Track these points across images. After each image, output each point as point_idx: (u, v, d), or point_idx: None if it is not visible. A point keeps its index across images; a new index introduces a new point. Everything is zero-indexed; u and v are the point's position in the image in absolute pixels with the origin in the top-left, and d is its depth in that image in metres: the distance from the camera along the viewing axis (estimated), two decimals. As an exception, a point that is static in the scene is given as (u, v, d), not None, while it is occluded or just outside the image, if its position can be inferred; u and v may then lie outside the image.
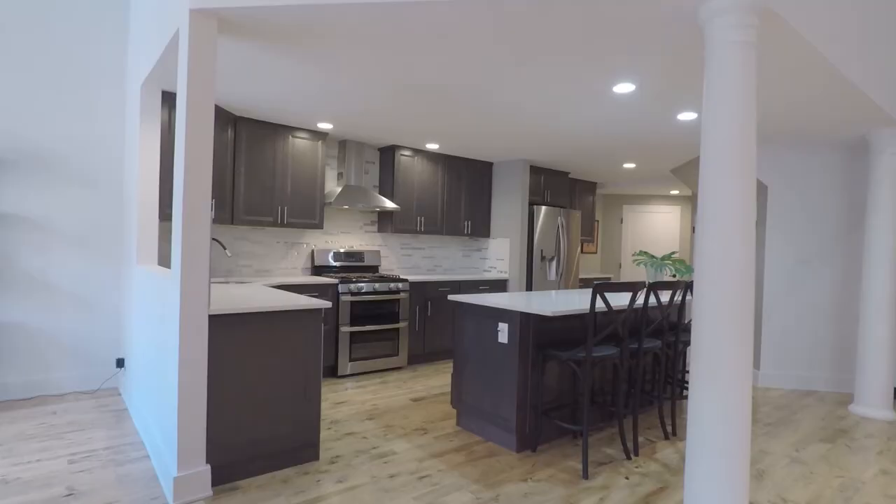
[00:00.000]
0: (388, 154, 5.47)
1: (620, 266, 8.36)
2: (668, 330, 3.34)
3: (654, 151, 5.24)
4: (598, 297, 3.25)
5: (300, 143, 4.70)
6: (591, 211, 7.45)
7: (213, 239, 4.28)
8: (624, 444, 3.05)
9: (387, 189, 5.46)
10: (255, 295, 3.07)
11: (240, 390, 2.58)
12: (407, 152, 5.44)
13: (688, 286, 3.38)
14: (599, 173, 6.81)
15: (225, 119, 4.15)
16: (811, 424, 3.79)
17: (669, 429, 3.56)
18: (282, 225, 4.60)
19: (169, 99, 3.74)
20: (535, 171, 6.28)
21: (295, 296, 3.08)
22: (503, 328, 3.15)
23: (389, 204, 5.12)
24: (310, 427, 2.83)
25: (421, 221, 5.58)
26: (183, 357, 2.35)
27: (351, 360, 4.69)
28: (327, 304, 2.84)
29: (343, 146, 5.17)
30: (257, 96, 3.77)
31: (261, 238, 4.81)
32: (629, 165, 6.12)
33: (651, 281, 4.39)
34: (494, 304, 3.18)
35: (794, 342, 4.83)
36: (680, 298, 3.51)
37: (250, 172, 4.41)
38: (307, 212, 4.76)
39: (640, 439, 3.35)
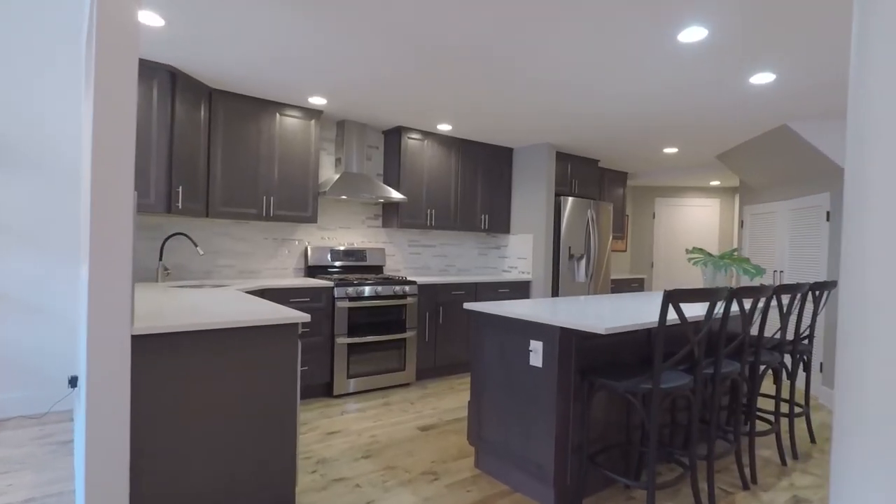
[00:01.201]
0: (393, 137, 4.77)
1: (653, 265, 7.57)
2: (747, 348, 2.59)
3: (706, 131, 4.46)
4: (672, 307, 2.51)
5: (290, 122, 4.02)
6: (621, 204, 6.68)
7: (182, 234, 3.61)
8: (697, 497, 2.31)
9: (392, 177, 4.76)
10: (223, 304, 2.38)
11: (182, 431, 1.89)
12: (415, 135, 4.73)
13: (775, 292, 2.61)
14: (633, 161, 6.04)
15: (196, 92, 3.48)
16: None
17: (748, 474, 2.80)
18: (268, 218, 3.92)
19: (123, 63, 3.07)
20: (561, 158, 5.53)
21: (269, 307, 2.39)
22: (536, 348, 2.42)
23: (395, 194, 4.41)
24: (282, 475, 2.14)
25: (431, 215, 4.86)
26: (91, 390, 1.66)
27: (349, 376, 4.00)
28: (304, 316, 2.14)
29: (341, 127, 4.48)
30: (235, 63, 3.09)
31: (245, 234, 4.14)
32: (670, 150, 5.34)
33: (709, 284, 3.63)
34: (524, 317, 2.45)
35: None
36: (763, 308, 2.75)
37: (229, 156, 3.73)
38: (298, 203, 4.07)
39: (715, 490, 2.60)
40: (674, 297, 2.01)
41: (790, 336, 4.24)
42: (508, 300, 3.22)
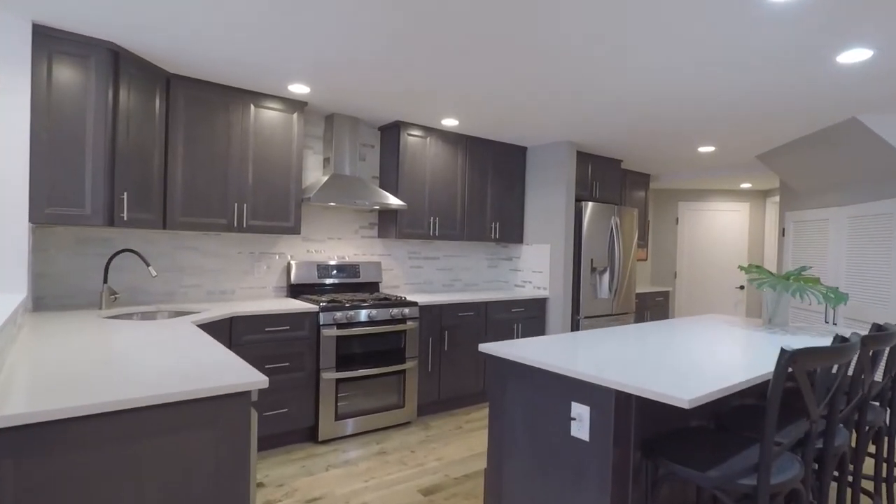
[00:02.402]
0: (391, 134, 4.13)
1: (676, 276, 6.92)
2: (863, 410, 1.95)
3: (757, 125, 3.82)
4: (795, 371, 1.87)
5: (268, 115, 3.38)
6: (643, 209, 6.04)
7: (130, 251, 2.97)
8: None
9: (390, 181, 4.12)
10: (160, 353, 1.74)
11: (63, 578, 1.25)
12: (416, 132, 4.09)
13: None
14: (660, 161, 5.39)
15: (149, 77, 2.84)
16: None
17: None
18: (241, 229, 3.28)
19: (48, 41, 2.43)
20: (581, 158, 4.89)
21: (217, 361, 1.75)
22: (581, 414, 1.78)
23: (393, 200, 3.77)
24: None
25: (435, 223, 4.22)
26: None
27: (338, 417, 3.36)
28: (260, 381, 1.50)
29: (330, 122, 3.84)
30: (196, 41, 2.45)
31: (214, 248, 3.50)
32: (706, 149, 4.70)
33: (772, 310, 3.00)
34: (564, 371, 1.81)
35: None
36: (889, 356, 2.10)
37: (192, 156, 3.09)
38: (278, 211, 3.44)
39: None
40: (799, 362, 1.36)
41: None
42: (534, 337, 2.58)
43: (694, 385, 1.60)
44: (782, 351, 1.38)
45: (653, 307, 5.83)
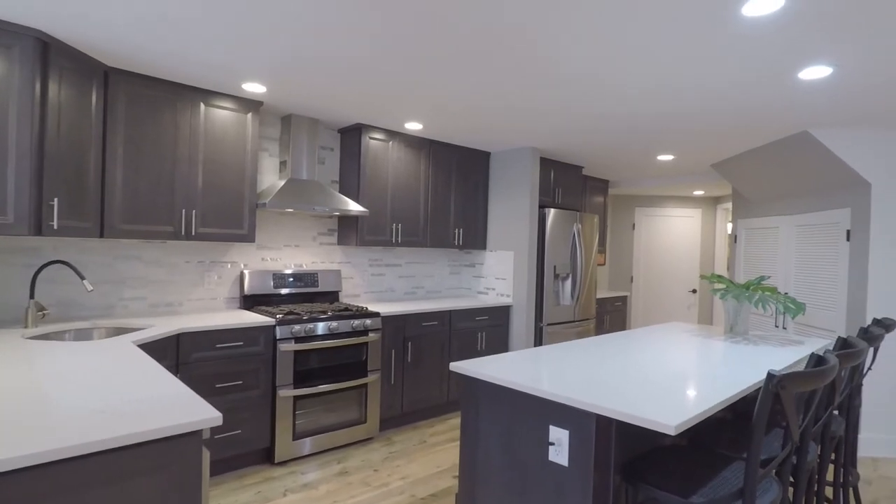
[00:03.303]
0: (351, 137, 3.96)
1: (632, 280, 7.06)
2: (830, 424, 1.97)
3: (716, 136, 3.90)
4: (782, 399, 1.85)
5: (219, 115, 3.16)
6: (602, 214, 6.11)
7: (61, 262, 2.69)
8: None
9: (351, 185, 3.95)
10: (91, 384, 1.53)
11: None
12: (378, 135, 3.95)
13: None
14: (620, 168, 5.46)
15: (84, 70, 2.58)
16: None
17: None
18: (189, 237, 3.04)
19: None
20: (545, 164, 4.87)
21: (163, 394, 1.57)
22: (560, 438, 1.71)
23: (354, 206, 3.62)
24: None
25: (397, 230, 4.09)
26: None
27: (296, 436, 3.17)
28: (213, 418, 1.33)
29: (287, 123, 3.64)
30: (135, 32, 2.22)
31: (159, 257, 3.23)
32: (665, 158, 4.78)
33: (732, 319, 3.05)
34: (542, 393, 1.73)
35: (909, 396, 3.55)
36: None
37: (134, 158, 2.84)
38: (230, 218, 3.21)
39: None
40: (787, 387, 1.33)
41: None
42: (505, 354, 2.50)
43: (676, 407, 1.55)
44: (769, 375, 1.34)
45: (612, 312, 5.91)
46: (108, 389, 1.54)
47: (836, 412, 2.44)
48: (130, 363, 1.87)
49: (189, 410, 1.36)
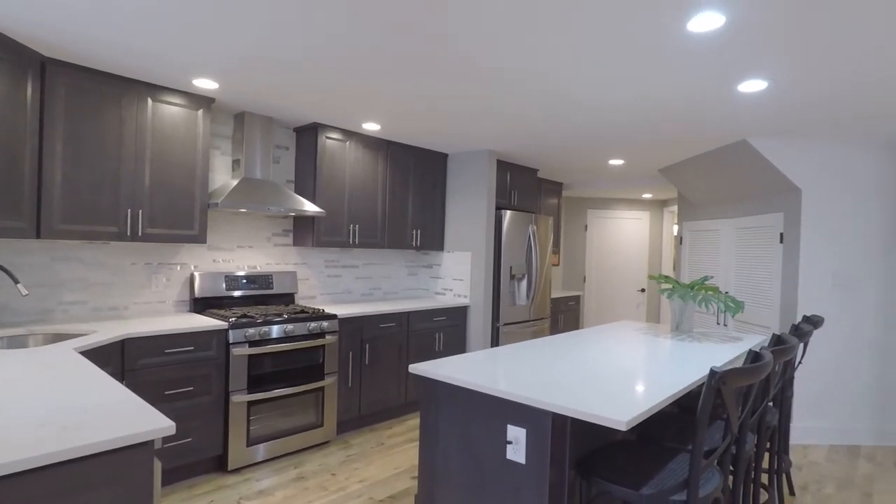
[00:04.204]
0: (307, 136, 3.90)
1: (585, 280, 7.27)
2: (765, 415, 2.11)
3: (663, 143, 4.08)
4: (718, 383, 1.95)
5: (168, 111, 3.04)
6: (556, 216, 6.27)
7: (-7, 266, 2.52)
8: None
9: (307, 186, 3.89)
10: (28, 393, 1.44)
11: None
12: (335, 135, 3.90)
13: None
14: (574, 171, 5.62)
15: (17, 60, 2.42)
16: (910, 520, 2.73)
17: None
18: (135, 238, 2.91)
19: None
20: (501, 166, 4.95)
21: (113, 401, 1.50)
22: (517, 437, 1.75)
23: (310, 207, 3.56)
24: None
25: (354, 231, 4.06)
26: None
27: (250, 443, 3.09)
28: (165, 428, 1.29)
29: (240, 121, 3.54)
30: (74, 20, 2.11)
31: (102, 258, 3.08)
32: (616, 162, 4.96)
33: (678, 317, 3.20)
34: (500, 393, 1.77)
35: (834, 387, 3.84)
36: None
37: (74, 155, 2.69)
38: (180, 218, 3.10)
39: None
40: (728, 382, 1.42)
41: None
42: (464, 355, 2.53)
43: (626, 404, 1.62)
44: (712, 372, 1.43)
45: (566, 311, 6.07)
46: (49, 400, 1.46)
47: (770, 404, 2.61)
48: (73, 371, 1.78)
49: (139, 420, 1.31)
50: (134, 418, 1.32)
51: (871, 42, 2.10)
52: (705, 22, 1.96)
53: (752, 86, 2.65)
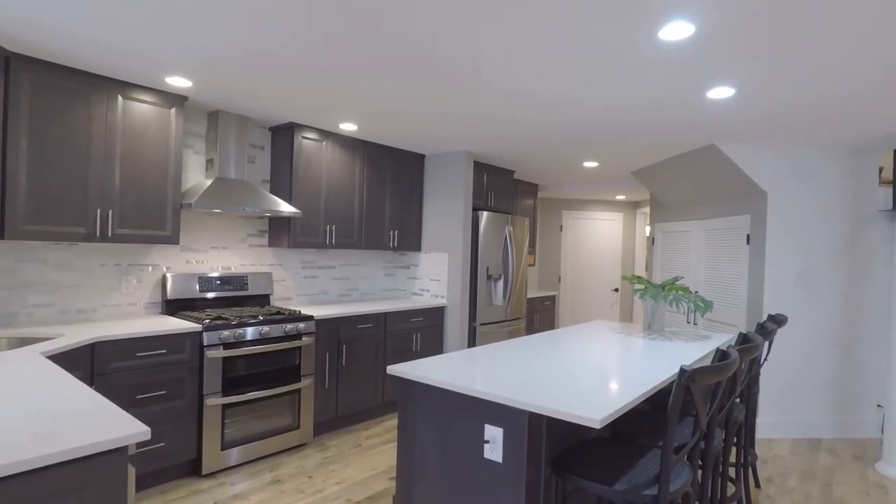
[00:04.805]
0: (283, 136, 3.86)
1: (560, 280, 7.38)
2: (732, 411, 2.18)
3: (636, 147, 4.17)
4: (688, 382, 2.01)
5: (139, 109, 2.97)
6: (532, 216, 6.35)
7: (-46, 268, 2.43)
8: None
9: (282, 186, 3.85)
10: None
11: None
12: (312, 135, 3.88)
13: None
14: (549, 173, 5.70)
15: (-19, 54, 2.35)
16: (867, 509, 2.86)
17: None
18: (105, 239, 2.84)
19: None
20: (478, 167, 4.99)
21: (84, 408, 1.47)
22: (495, 436, 1.78)
23: (286, 207, 3.53)
24: None
25: (331, 231, 4.04)
26: None
27: (225, 446, 3.05)
28: (140, 433, 1.27)
29: (214, 120, 3.49)
30: (39, 12, 2.05)
31: (70, 260, 3.00)
32: (590, 164, 5.05)
33: (650, 316, 3.28)
34: (477, 393, 1.80)
35: (798, 383, 3.99)
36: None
37: (41, 153, 2.61)
38: (152, 218, 3.04)
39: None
40: (696, 380, 1.47)
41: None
42: (441, 356, 2.56)
43: (600, 402, 1.67)
44: (681, 371, 1.48)
45: (541, 311, 6.15)
46: (17, 407, 1.42)
47: (737, 400, 2.70)
48: (41, 376, 1.73)
49: (113, 425, 1.29)
50: (107, 424, 1.30)
51: (833, 55, 2.19)
52: (675, 31, 2.02)
53: (720, 93, 2.74)
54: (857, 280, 3.97)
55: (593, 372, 2.10)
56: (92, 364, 2.54)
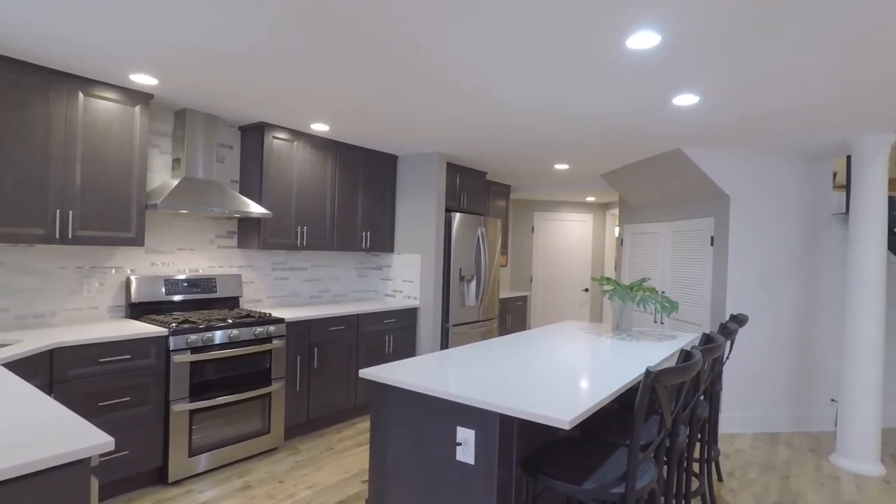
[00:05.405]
0: (253, 135, 3.80)
1: (532, 280, 7.46)
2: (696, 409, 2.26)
3: (606, 150, 4.26)
4: (654, 383, 2.05)
5: (102, 106, 2.88)
6: (504, 218, 6.40)
7: None
8: None
9: (252, 186, 3.79)
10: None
11: None
12: (282, 135, 3.82)
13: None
14: (521, 175, 5.76)
15: (-70, 47, 2.23)
16: (820, 496, 2.99)
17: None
18: (65, 241, 2.74)
19: None
20: (451, 169, 5.01)
21: (46, 419, 1.42)
22: (467, 438, 1.80)
23: (256, 208, 3.48)
24: None
25: (302, 233, 3.99)
26: None
27: (192, 453, 2.99)
28: (103, 443, 1.24)
29: (181, 119, 3.41)
30: (-13, 2, 1.97)
31: (27, 262, 2.88)
32: (561, 167, 5.13)
33: (618, 316, 3.36)
34: (450, 396, 1.81)
35: (758, 379, 4.15)
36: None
37: (-4, 150, 2.51)
38: (115, 219, 2.95)
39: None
40: (661, 381, 1.52)
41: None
42: (413, 358, 2.56)
43: (569, 403, 1.70)
44: (647, 371, 1.52)
45: (513, 311, 6.21)
46: (-30, 419, 1.36)
47: (701, 398, 2.79)
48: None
49: (75, 436, 1.25)
50: (68, 434, 1.26)
51: (790, 69, 2.29)
52: (643, 40, 2.08)
53: (686, 100, 2.83)
54: (813, 281, 4.15)
55: (563, 372, 2.14)
56: (51, 371, 2.46)
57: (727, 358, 3.02)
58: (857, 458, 3.43)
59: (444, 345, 4.74)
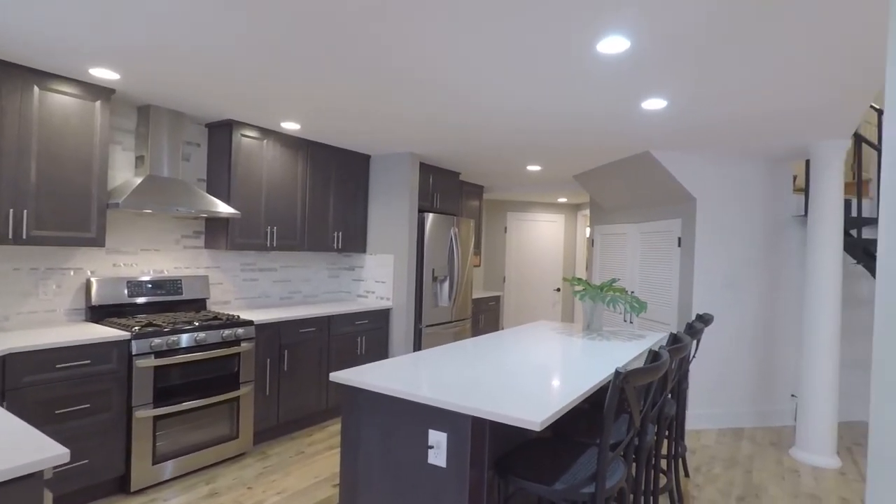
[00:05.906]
0: (221, 133, 3.71)
1: (504, 280, 7.51)
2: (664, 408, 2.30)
3: (577, 152, 4.31)
4: (622, 385, 2.08)
5: (59, 101, 2.76)
6: (477, 218, 6.42)
7: None
8: None
9: (220, 185, 3.70)
10: None
11: None
12: (251, 133, 3.74)
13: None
14: (494, 175, 5.78)
15: None
16: (781, 489, 3.10)
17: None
18: (19, 241, 2.62)
19: None
20: (423, 169, 4.99)
21: (-20, 429, 1.35)
22: (439, 441, 1.79)
23: (224, 208, 3.39)
24: None
25: (272, 233, 3.91)
26: None
27: (156, 461, 2.89)
28: (57, 455, 1.18)
29: (144, 115, 3.30)
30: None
31: (-23, 263, 2.75)
32: (534, 168, 5.17)
33: (589, 316, 3.40)
34: (421, 399, 1.80)
35: (723, 377, 4.26)
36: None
37: (-58, 145, 2.37)
38: (73, 219, 2.83)
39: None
40: (630, 381, 1.54)
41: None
42: (385, 360, 2.53)
43: (540, 404, 1.71)
44: (616, 372, 1.54)
45: (486, 311, 6.23)
46: (-89, 431, 1.28)
47: (669, 396, 2.85)
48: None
49: (25, 448, 1.19)
50: (19, 446, 1.20)
51: (753, 77, 2.35)
52: (612, 45, 2.10)
53: (654, 104, 2.88)
54: (775, 281, 4.29)
55: (535, 373, 2.15)
56: (3, 378, 2.34)
57: (693, 357, 3.09)
58: (816, 452, 3.57)
59: (418, 346, 4.72)
